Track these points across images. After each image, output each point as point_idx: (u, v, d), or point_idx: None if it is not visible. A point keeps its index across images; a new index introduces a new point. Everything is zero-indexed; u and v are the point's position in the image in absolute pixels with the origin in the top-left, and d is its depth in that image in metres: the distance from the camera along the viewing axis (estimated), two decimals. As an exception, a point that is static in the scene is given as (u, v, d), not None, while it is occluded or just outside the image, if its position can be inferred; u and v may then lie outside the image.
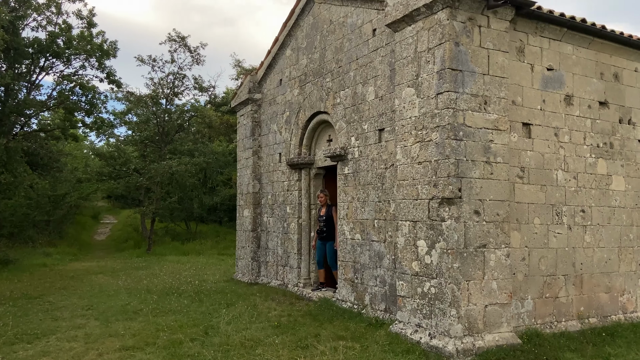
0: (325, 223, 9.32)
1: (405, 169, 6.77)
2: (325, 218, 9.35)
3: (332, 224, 9.24)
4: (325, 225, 9.33)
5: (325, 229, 9.32)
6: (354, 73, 8.47)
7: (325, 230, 9.32)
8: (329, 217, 9.33)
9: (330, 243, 9.27)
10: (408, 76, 6.80)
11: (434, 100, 6.35)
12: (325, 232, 9.33)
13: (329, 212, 9.36)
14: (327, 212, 9.39)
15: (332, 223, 9.27)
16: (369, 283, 7.87)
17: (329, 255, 9.31)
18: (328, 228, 9.30)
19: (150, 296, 9.83)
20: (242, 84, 12.27)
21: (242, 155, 12.36)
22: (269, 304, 8.90)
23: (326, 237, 9.32)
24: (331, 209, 9.32)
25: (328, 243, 9.30)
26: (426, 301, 6.32)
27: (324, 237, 9.39)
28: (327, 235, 9.31)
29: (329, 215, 9.34)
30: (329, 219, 9.33)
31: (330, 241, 9.26)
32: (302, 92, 10.17)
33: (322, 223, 9.38)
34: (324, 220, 9.36)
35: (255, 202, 11.77)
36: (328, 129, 9.72)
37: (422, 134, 6.52)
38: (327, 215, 9.36)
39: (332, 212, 9.30)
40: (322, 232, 9.38)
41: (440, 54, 6.29)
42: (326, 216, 9.36)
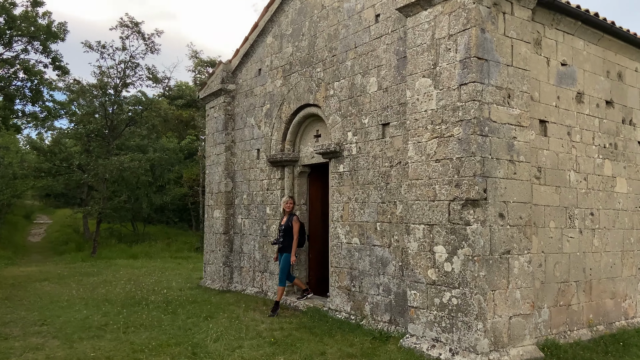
0: (284, 233, 8.35)
1: (419, 167, 6.16)
2: (284, 228, 8.39)
3: (291, 235, 8.30)
4: (283, 235, 8.36)
5: (282, 239, 8.37)
6: (351, 62, 7.77)
7: (283, 241, 8.36)
8: (288, 226, 8.37)
9: (286, 255, 8.31)
10: (423, 65, 6.19)
11: (456, 92, 5.77)
12: (282, 244, 8.37)
13: (289, 221, 8.42)
14: (288, 220, 8.44)
15: (291, 233, 8.31)
16: (370, 292, 7.20)
17: (281, 266, 8.33)
18: (286, 238, 8.33)
19: (113, 308, 8.69)
20: (214, 73, 11.28)
21: (213, 151, 11.37)
22: (252, 315, 8.04)
23: (283, 248, 8.39)
24: (292, 219, 8.41)
25: (284, 255, 8.35)
26: (446, 313, 5.73)
27: (281, 249, 8.45)
28: (284, 246, 8.36)
29: (288, 225, 8.38)
30: (288, 229, 8.35)
31: (287, 253, 8.32)
32: (286, 82, 9.36)
33: (281, 233, 8.40)
34: (283, 231, 8.38)
35: (227, 202, 10.82)
36: (316, 123, 8.98)
37: (440, 128, 5.92)
38: (287, 225, 8.39)
39: (292, 221, 8.39)
40: (279, 242, 8.45)
41: (464, 40, 5.72)
42: (286, 226, 8.39)
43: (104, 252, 22.12)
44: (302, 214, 9.32)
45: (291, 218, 8.39)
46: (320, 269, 9.47)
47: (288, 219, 8.42)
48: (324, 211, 9.53)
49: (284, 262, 8.31)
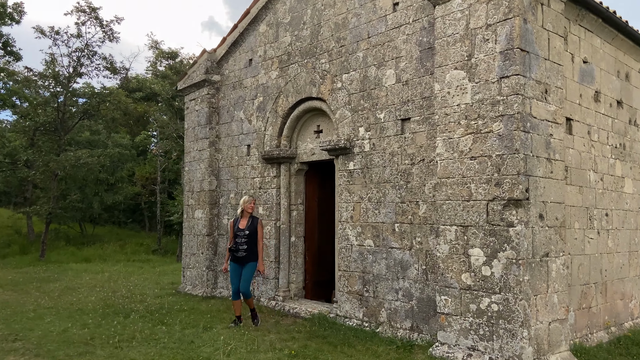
0: (247, 239, 7.11)
1: (451, 164, 5.79)
2: (248, 233, 7.11)
3: (254, 241, 7.17)
4: (246, 241, 7.10)
5: (245, 246, 7.08)
6: (363, 54, 7.32)
7: (246, 248, 7.09)
8: (253, 232, 7.15)
9: (252, 265, 7.15)
10: (455, 57, 5.83)
11: (495, 85, 5.45)
12: (245, 251, 7.08)
13: (253, 225, 7.19)
14: (251, 224, 7.20)
15: (254, 240, 7.17)
16: (387, 297, 6.77)
17: (244, 278, 7.10)
18: (250, 245, 7.11)
19: (90, 318, 7.79)
20: (197, 63, 10.49)
21: (194, 147, 10.58)
22: (251, 323, 7.40)
23: (246, 257, 7.09)
24: (256, 222, 7.24)
25: (248, 264, 7.13)
26: (484, 320, 5.39)
27: (242, 258, 7.10)
28: (248, 255, 7.10)
29: (252, 230, 7.15)
30: (252, 234, 7.15)
31: (251, 262, 7.14)
32: (283, 74, 8.77)
33: (243, 239, 7.10)
34: (245, 236, 7.10)
35: (211, 202, 10.08)
36: (316, 117, 8.45)
37: (476, 124, 5.58)
38: (251, 229, 7.15)
39: (257, 225, 7.21)
40: (239, 250, 7.08)
41: (505, 31, 5.40)
42: (249, 230, 7.14)
43: (53, 256, 20.52)
44: (299, 214, 8.77)
45: (255, 221, 7.24)
46: (317, 272, 8.96)
47: (250, 222, 7.21)
48: (320, 211, 9.04)
49: (249, 272, 7.13)
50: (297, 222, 8.75)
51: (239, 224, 7.24)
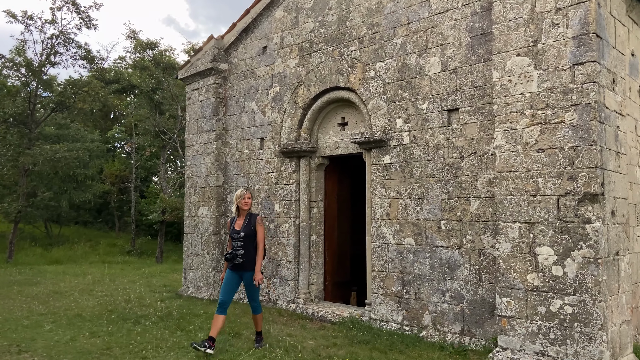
0: (244, 242, 5.71)
1: (513, 157, 5.43)
2: (244, 235, 5.72)
3: (253, 243, 5.75)
4: (243, 245, 5.71)
5: (242, 251, 5.70)
6: (401, 40, 6.89)
7: (244, 253, 5.70)
8: (250, 233, 5.74)
9: (249, 274, 5.75)
10: (518, 42, 5.47)
11: (567, 73, 5.12)
12: (243, 257, 5.70)
13: (251, 224, 5.79)
14: (247, 224, 5.79)
15: (253, 242, 5.75)
16: (432, 299, 6.36)
17: (250, 292, 5.86)
18: (247, 250, 5.71)
19: (95, 325, 7.05)
20: (202, 50, 9.81)
21: (197, 140, 9.88)
22: (282, 329, 6.85)
23: (243, 264, 5.72)
24: (254, 220, 5.81)
25: (246, 274, 5.76)
26: (556, 323, 5.04)
27: (240, 265, 5.73)
28: (246, 261, 5.71)
29: (250, 231, 5.75)
30: (250, 236, 5.74)
31: (249, 271, 5.74)
32: (303, 63, 8.24)
33: (239, 242, 5.72)
34: (241, 239, 5.72)
35: (218, 199, 9.42)
36: (341, 109, 7.97)
37: (544, 114, 5.24)
38: (247, 230, 5.75)
39: (255, 224, 5.81)
40: (236, 256, 5.71)
41: (579, 15, 5.08)
42: (246, 232, 5.73)
43: (20, 257, 19.21)
44: (319, 212, 8.26)
45: (253, 219, 5.81)
46: (337, 273, 8.47)
47: (247, 221, 5.81)
48: (340, 208, 8.56)
49: (251, 283, 5.75)
50: (318, 219, 8.24)
51: (234, 224, 5.90)
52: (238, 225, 5.86)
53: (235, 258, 5.71)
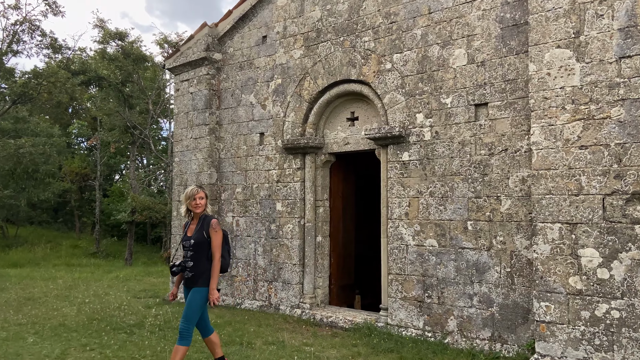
0: (195, 252, 4.58)
1: (552, 154, 5.17)
2: (194, 243, 4.57)
3: (206, 253, 4.57)
4: (193, 256, 4.58)
5: (192, 263, 4.57)
6: (422, 31, 6.54)
7: (193, 266, 4.56)
8: (202, 240, 4.57)
9: (199, 291, 4.53)
10: (557, 34, 5.22)
11: (613, 66, 4.89)
12: (192, 270, 4.57)
13: (204, 230, 4.59)
14: (200, 229, 4.61)
15: (206, 251, 4.57)
16: (457, 303, 6.04)
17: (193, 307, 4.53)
18: (198, 262, 4.56)
19: (83, 336, 6.37)
20: (193, 38, 9.17)
21: (188, 135, 9.24)
22: (294, 337, 6.37)
23: (193, 279, 4.57)
24: (209, 225, 4.58)
25: (194, 290, 4.56)
26: (601, 328, 4.81)
27: (187, 280, 4.64)
28: (196, 275, 4.55)
29: (202, 238, 4.57)
30: (201, 244, 4.57)
31: (199, 287, 4.53)
32: (309, 53, 7.78)
33: (190, 251, 4.60)
34: (192, 247, 4.59)
35: (212, 197, 8.81)
36: (349, 103, 7.56)
37: (588, 109, 5.00)
38: (199, 236, 4.58)
39: (211, 230, 4.56)
40: (185, 269, 4.61)
41: (625, 6, 4.86)
42: (197, 239, 4.58)
43: (-26, 260, 17.83)
44: (325, 211, 7.82)
45: (207, 224, 4.60)
46: (342, 276, 8.06)
47: (200, 225, 4.62)
48: (344, 207, 8.15)
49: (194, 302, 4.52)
50: (324, 219, 7.80)
51: (186, 229, 4.77)
52: (190, 231, 4.70)
53: (182, 268, 4.60)
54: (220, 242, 4.61)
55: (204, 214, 4.73)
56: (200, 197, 4.70)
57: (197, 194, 4.69)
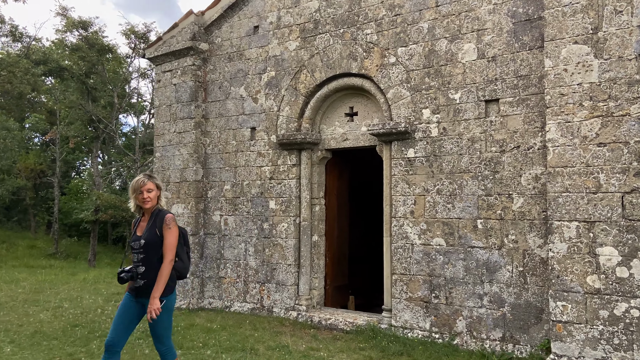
0: (146, 255, 3.84)
1: (569, 152, 5.11)
2: (145, 244, 3.84)
3: (157, 255, 3.83)
4: (144, 259, 3.84)
5: (143, 268, 3.84)
6: (429, 25, 6.38)
7: (145, 271, 3.83)
8: (153, 240, 3.83)
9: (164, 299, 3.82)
10: (575, 29, 5.16)
11: (632, 63, 4.86)
12: (143, 277, 3.83)
13: (156, 227, 3.86)
14: (152, 227, 3.87)
15: (157, 252, 3.82)
16: (466, 303, 5.90)
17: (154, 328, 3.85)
18: (150, 266, 3.82)
19: (66, 344, 5.87)
20: (177, 27, 8.68)
21: (170, 129, 8.74)
22: (293, 341, 6.07)
23: (145, 287, 3.82)
24: (163, 222, 3.84)
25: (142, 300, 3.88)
26: (620, 328, 4.77)
27: (138, 289, 3.87)
28: (148, 283, 3.80)
29: (154, 237, 3.83)
30: (153, 244, 3.83)
31: (164, 296, 3.81)
32: (306, 45, 7.48)
33: (140, 254, 3.86)
34: (141, 248, 3.85)
35: (197, 195, 8.38)
36: (348, 98, 7.32)
37: (606, 106, 4.96)
38: (150, 236, 3.85)
39: (164, 227, 3.83)
40: (138, 274, 3.85)
41: (646, 4, 4.84)
42: (148, 239, 3.84)
43: None
44: (321, 209, 7.55)
45: (160, 220, 3.86)
46: (337, 276, 7.82)
47: (152, 223, 3.89)
48: (339, 205, 7.91)
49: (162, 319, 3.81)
50: (319, 218, 7.53)
51: (136, 227, 4.03)
52: (140, 229, 3.95)
53: (132, 275, 3.82)
54: (174, 242, 3.82)
55: (157, 208, 3.96)
56: (149, 189, 3.91)
57: (143, 185, 3.90)
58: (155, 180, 4.00)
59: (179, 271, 3.94)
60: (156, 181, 4.00)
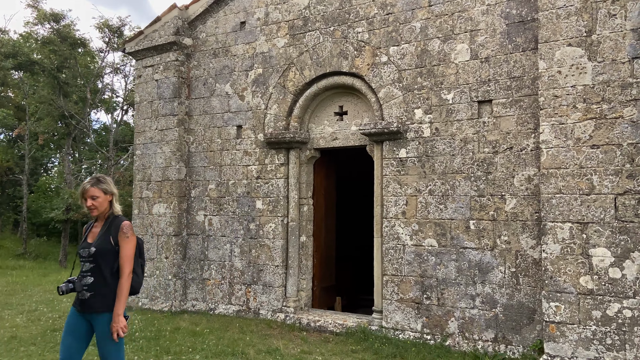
0: (95, 265, 3.39)
1: (563, 153, 5.14)
2: (96, 252, 3.39)
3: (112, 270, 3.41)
4: (93, 269, 3.40)
5: (91, 279, 3.39)
6: (421, 24, 6.34)
7: (92, 283, 3.38)
8: (106, 249, 3.41)
9: (102, 319, 3.36)
10: (569, 32, 5.19)
11: (625, 66, 4.92)
12: (90, 289, 3.38)
13: (110, 234, 3.45)
14: (105, 234, 3.46)
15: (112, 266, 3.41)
16: (459, 304, 5.89)
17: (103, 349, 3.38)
18: (99, 278, 3.39)
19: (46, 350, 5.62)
20: (160, 20, 8.42)
21: (152, 126, 8.48)
22: (283, 344, 5.95)
23: (92, 301, 3.37)
24: (118, 228, 3.45)
25: (98, 319, 3.37)
26: (613, 328, 4.83)
27: (84, 303, 3.39)
28: (96, 297, 3.37)
29: (106, 246, 3.42)
30: (105, 254, 3.40)
31: (103, 313, 3.35)
32: (295, 43, 7.35)
33: (89, 263, 3.41)
34: (91, 257, 3.39)
35: (180, 194, 8.15)
36: (338, 97, 7.23)
37: (600, 108, 5.01)
38: (102, 244, 3.43)
39: (120, 235, 3.44)
40: (83, 286, 3.38)
41: (639, 7, 4.90)
42: (99, 247, 3.41)
43: None
44: (309, 210, 7.44)
45: (115, 227, 3.46)
46: (325, 277, 7.73)
47: (105, 229, 3.47)
48: (327, 206, 7.82)
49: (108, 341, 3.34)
50: (308, 218, 7.42)
51: (86, 235, 3.58)
52: (92, 235, 3.53)
53: (78, 288, 3.37)
54: (132, 253, 3.43)
55: (112, 214, 3.53)
56: (93, 196, 3.44)
57: (88, 191, 3.44)
58: (102, 186, 3.48)
59: (132, 286, 3.46)
60: (103, 186, 3.49)
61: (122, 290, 3.35)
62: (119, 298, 3.34)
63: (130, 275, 3.41)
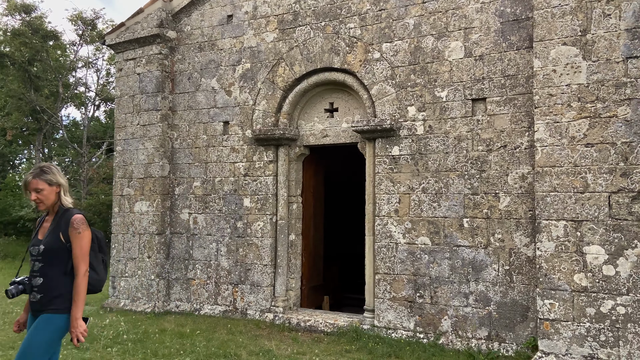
0: (45, 264, 3.09)
1: (557, 152, 5.17)
2: (45, 250, 3.09)
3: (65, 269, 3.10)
4: (42, 269, 3.09)
5: (40, 279, 3.08)
6: (415, 21, 6.29)
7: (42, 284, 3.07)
8: (56, 246, 3.10)
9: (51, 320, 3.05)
10: (564, 31, 5.22)
11: (620, 66, 4.97)
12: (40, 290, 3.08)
13: (60, 231, 3.12)
14: (55, 229, 3.14)
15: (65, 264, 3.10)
16: (452, 303, 5.87)
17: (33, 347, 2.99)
18: (49, 278, 3.09)
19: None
20: (143, 12, 8.15)
21: (134, 121, 8.22)
22: (275, 345, 5.82)
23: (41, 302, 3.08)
24: (69, 224, 3.10)
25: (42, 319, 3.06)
26: (607, 325, 4.88)
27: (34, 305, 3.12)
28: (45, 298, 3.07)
29: (56, 243, 3.10)
30: (55, 251, 3.10)
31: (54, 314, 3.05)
32: (284, 37, 7.22)
33: (38, 262, 3.10)
34: (40, 255, 3.09)
35: (163, 192, 7.92)
36: (328, 93, 7.13)
37: (594, 107, 5.05)
38: (52, 240, 3.11)
39: (71, 230, 3.09)
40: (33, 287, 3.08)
41: (633, 7, 4.96)
42: (48, 244, 3.10)
43: None
44: (298, 208, 7.32)
45: (65, 222, 3.13)
46: (313, 276, 7.63)
47: (55, 224, 3.16)
48: (315, 204, 7.72)
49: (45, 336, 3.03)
50: (296, 216, 7.30)
51: (37, 231, 3.27)
52: (43, 231, 3.22)
53: (28, 292, 3.11)
54: (87, 249, 3.11)
55: (63, 207, 3.19)
56: (37, 188, 3.11)
57: (29, 185, 3.12)
58: (46, 176, 3.14)
59: (91, 284, 3.14)
60: (48, 177, 3.14)
61: (79, 292, 3.04)
62: (76, 300, 3.03)
63: (86, 273, 3.09)
